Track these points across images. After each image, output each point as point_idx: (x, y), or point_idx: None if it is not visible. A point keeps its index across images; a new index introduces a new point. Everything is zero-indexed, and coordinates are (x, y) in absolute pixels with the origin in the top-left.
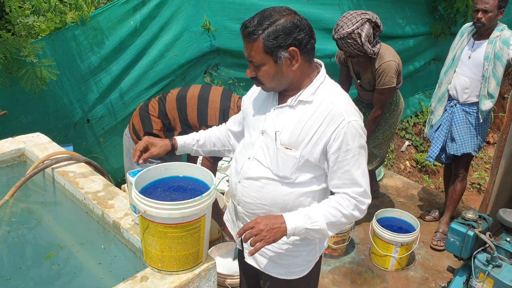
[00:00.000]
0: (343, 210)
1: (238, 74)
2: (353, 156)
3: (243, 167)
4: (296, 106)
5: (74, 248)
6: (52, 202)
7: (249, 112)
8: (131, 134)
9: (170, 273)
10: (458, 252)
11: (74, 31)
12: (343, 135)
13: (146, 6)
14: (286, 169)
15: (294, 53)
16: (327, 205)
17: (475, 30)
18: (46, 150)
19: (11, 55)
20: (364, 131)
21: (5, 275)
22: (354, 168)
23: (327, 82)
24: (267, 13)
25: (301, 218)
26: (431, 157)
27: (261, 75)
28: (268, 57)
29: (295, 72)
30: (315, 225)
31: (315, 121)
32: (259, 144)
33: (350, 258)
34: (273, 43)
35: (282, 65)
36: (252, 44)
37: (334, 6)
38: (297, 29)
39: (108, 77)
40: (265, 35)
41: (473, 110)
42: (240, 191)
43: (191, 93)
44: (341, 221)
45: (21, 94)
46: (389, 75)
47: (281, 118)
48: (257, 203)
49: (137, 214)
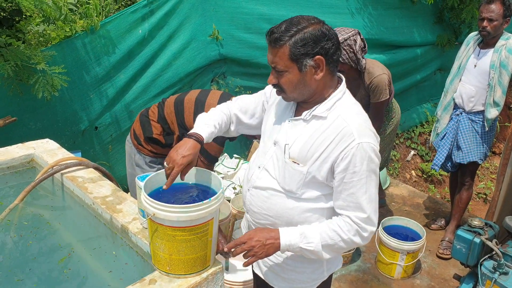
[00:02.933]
0: (342, 234)
1: (244, 83)
2: (359, 179)
3: (253, 175)
4: (310, 121)
5: (83, 252)
6: (61, 206)
7: (267, 119)
8: (132, 140)
9: (178, 277)
10: (464, 259)
11: (83, 39)
12: (351, 156)
13: (155, 16)
14: (292, 183)
15: (320, 62)
16: (327, 227)
17: (480, 39)
18: (56, 156)
19: (22, 63)
20: (378, 155)
21: (18, 276)
22: (360, 192)
23: (346, 99)
24: (295, 20)
25: (297, 235)
26: (436, 165)
27: (283, 82)
28: (292, 65)
29: (318, 83)
30: (310, 245)
31: (326, 138)
32: (270, 154)
33: (356, 266)
34: (300, 50)
35: (306, 74)
36: (277, 50)
37: (346, 15)
38: (325, 38)
39: (116, 85)
40: (292, 42)
41: (479, 118)
42: (249, 200)
43: (189, 97)
44: (339, 245)
45: (30, 101)
46: (383, 88)
47: (294, 131)
48: (263, 213)
49: (146, 217)
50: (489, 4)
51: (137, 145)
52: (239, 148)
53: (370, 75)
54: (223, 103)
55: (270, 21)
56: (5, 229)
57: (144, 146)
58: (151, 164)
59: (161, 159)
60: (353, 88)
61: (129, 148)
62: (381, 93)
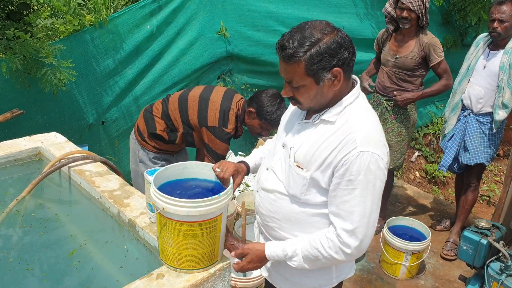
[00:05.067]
0: (323, 251)
1: (251, 80)
2: (354, 189)
3: (261, 177)
4: (318, 125)
5: (90, 245)
6: (68, 199)
7: (282, 121)
8: (136, 136)
9: (185, 272)
10: (470, 260)
11: (92, 33)
12: (350, 164)
13: (163, 11)
14: (296, 188)
15: (338, 73)
16: (309, 244)
17: (490, 40)
18: (63, 149)
19: (30, 56)
20: (380, 167)
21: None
22: (354, 202)
23: (358, 103)
24: (308, 33)
25: (280, 254)
26: (443, 167)
27: (299, 96)
28: (309, 79)
29: (335, 92)
30: (293, 263)
31: (331, 144)
32: (278, 156)
33: (360, 265)
34: (317, 66)
35: (323, 86)
36: (291, 66)
37: (352, 15)
38: (341, 49)
39: (123, 80)
40: (307, 57)
41: (487, 120)
42: (258, 201)
43: (193, 94)
44: (322, 261)
45: (38, 95)
46: (441, 47)
47: (302, 134)
48: (271, 216)
49: (154, 212)
50: (500, 5)
51: (140, 141)
52: (244, 146)
53: (429, 35)
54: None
55: (277, 19)
56: (14, 220)
57: (148, 142)
58: (155, 160)
59: (164, 155)
60: (403, 45)
61: (133, 144)
62: (441, 50)
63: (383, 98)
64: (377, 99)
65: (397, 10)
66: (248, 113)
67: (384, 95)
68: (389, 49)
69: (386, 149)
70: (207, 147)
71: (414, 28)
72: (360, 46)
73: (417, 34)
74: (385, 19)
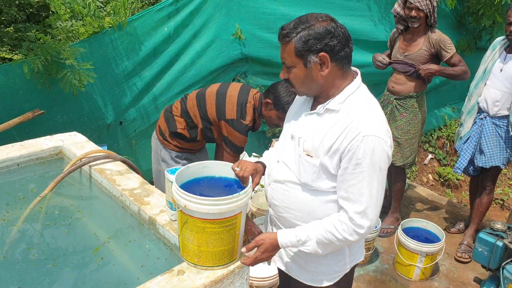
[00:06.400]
0: (337, 234)
1: (265, 82)
2: (361, 172)
3: (273, 170)
4: (324, 114)
5: (113, 243)
6: (89, 197)
7: (288, 115)
8: (158, 135)
9: (205, 268)
10: (486, 262)
11: (111, 35)
12: (356, 148)
13: (180, 14)
14: (307, 176)
15: (325, 58)
16: (322, 228)
17: (507, 44)
18: (84, 149)
19: (51, 58)
20: (384, 150)
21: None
22: (362, 184)
23: (360, 93)
24: (304, 18)
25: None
26: (459, 169)
27: (292, 78)
28: (298, 60)
29: (325, 78)
30: (307, 248)
31: (336, 131)
32: (287, 148)
33: (374, 266)
34: (303, 47)
35: (311, 70)
36: (285, 46)
37: (365, 18)
38: (329, 35)
39: (141, 82)
40: (297, 38)
41: (503, 123)
42: (270, 194)
43: (210, 90)
44: (335, 244)
45: (58, 95)
46: (450, 41)
47: (309, 125)
48: (284, 206)
49: (174, 210)
50: None
51: (162, 141)
52: (257, 147)
53: (437, 32)
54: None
55: None
56: (37, 216)
57: (170, 141)
58: (177, 159)
59: (186, 154)
60: (412, 43)
61: (155, 144)
62: (451, 44)
63: (393, 97)
64: (386, 98)
65: (406, 9)
66: (265, 105)
67: (393, 94)
68: (399, 47)
69: (388, 133)
70: (225, 140)
71: (423, 26)
72: (374, 48)
73: (425, 33)
74: (395, 19)
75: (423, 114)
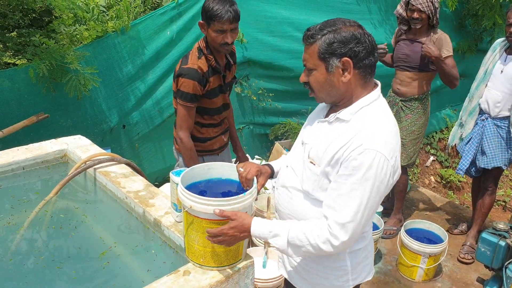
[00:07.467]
0: (311, 239)
1: (267, 85)
2: (353, 183)
3: (282, 174)
4: (334, 123)
5: (117, 244)
6: (94, 200)
7: (306, 120)
8: (175, 145)
9: (211, 269)
10: (489, 262)
11: (114, 39)
12: (353, 159)
13: (182, 18)
14: (309, 184)
15: (347, 64)
16: (299, 228)
17: (507, 45)
18: (88, 152)
19: (56, 62)
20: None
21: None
22: (349, 196)
23: (376, 106)
24: (332, 22)
25: (266, 231)
26: (461, 170)
27: (312, 81)
28: (320, 63)
29: (346, 85)
30: (276, 243)
31: (341, 141)
32: (297, 153)
33: (377, 268)
34: (327, 49)
35: (333, 75)
36: (309, 47)
37: (365, 21)
38: (355, 40)
39: (144, 85)
40: (322, 40)
41: (504, 124)
42: (277, 198)
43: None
44: (307, 248)
45: (62, 99)
46: (450, 43)
47: (318, 132)
48: (287, 213)
49: (179, 211)
50: None
51: (179, 149)
52: (260, 150)
53: (440, 32)
54: None
55: (293, 25)
56: (42, 219)
57: None
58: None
59: (206, 156)
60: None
61: (176, 154)
62: (450, 47)
63: (398, 98)
64: (392, 100)
65: (408, 11)
66: (201, 28)
67: (399, 96)
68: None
69: (396, 153)
70: (174, 94)
71: (425, 27)
72: None
73: (428, 34)
74: (397, 21)
75: (427, 115)
